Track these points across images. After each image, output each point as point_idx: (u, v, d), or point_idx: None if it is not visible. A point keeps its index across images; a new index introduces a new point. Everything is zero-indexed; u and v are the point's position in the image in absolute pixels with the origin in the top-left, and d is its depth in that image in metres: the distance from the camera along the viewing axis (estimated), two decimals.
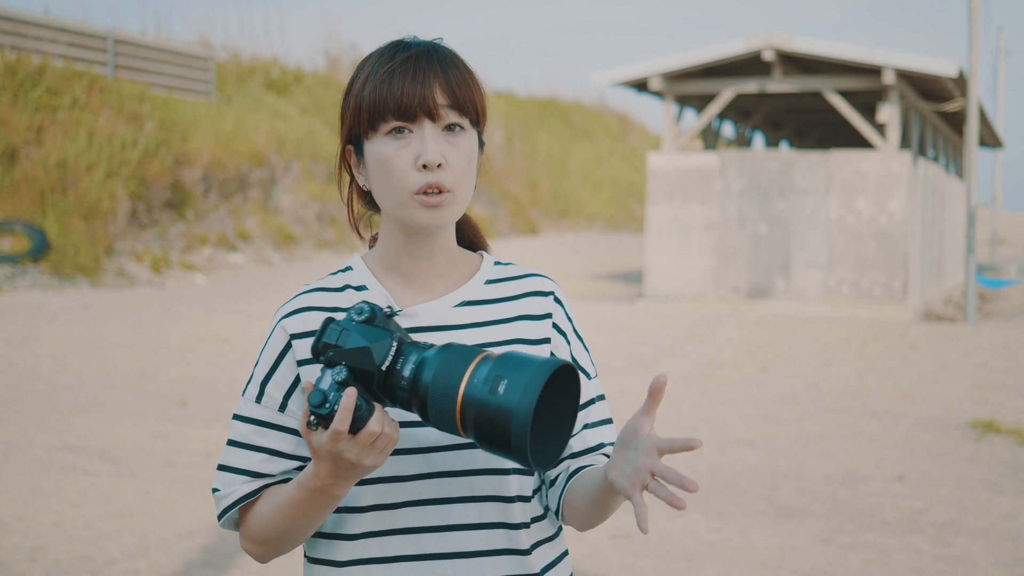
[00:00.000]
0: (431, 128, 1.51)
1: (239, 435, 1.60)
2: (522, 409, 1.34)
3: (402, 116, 1.51)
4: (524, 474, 1.60)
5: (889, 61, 15.12)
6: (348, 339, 1.41)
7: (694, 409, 9.10)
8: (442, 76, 1.52)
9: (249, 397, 1.60)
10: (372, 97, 1.52)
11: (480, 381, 1.38)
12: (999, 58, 42.74)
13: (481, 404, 1.37)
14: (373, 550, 1.56)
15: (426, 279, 1.61)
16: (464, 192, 1.55)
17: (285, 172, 20.36)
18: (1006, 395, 9.71)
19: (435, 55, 1.53)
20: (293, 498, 1.49)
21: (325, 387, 1.40)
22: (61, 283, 14.50)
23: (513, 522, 1.58)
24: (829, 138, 25.06)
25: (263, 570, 4.93)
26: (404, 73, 1.51)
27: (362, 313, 1.42)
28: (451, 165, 1.52)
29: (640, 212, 34.31)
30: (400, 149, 1.52)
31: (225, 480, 1.60)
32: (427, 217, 1.53)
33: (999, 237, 44.82)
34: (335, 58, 27.33)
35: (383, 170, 1.53)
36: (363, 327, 1.41)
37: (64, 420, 7.99)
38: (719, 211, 16.21)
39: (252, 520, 1.58)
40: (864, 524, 5.83)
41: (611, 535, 5.55)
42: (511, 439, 1.35)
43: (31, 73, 16.67)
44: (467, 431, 1.40)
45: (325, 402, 1.38)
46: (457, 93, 1.52)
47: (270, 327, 1.63)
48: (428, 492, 1.56)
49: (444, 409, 1.39)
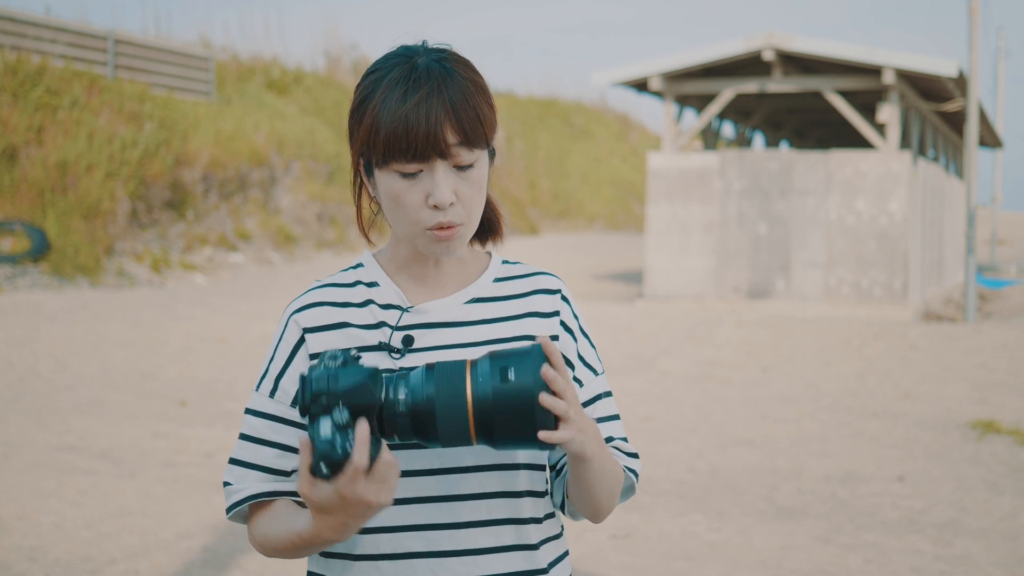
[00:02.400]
0: (443, 168, 1.52)
1: (252, 430, 1.60)
2: (540, 385, 1.38)
3: (416, 159, 1.51)
4: (534, 469, 1.62)
5: (889, 61, 15.13)
6: (338, 382, 1.36)
7: (694, 409, 9.10)
8: (453, 116, 1.50)
9: (263, 392, 1.61)
10: (386, 136, 1.50)
11: (485, 378, 1.39)
12: (999, 58, 42.76)
13: (497, 395, 1.38)
14: (383, 546, 1.57)
15: (436, 279, 1.64)
16: (476, 217, 1.58)
17: (285, 172, 20.36)
18: (1006, 395, 9.71)
19: (445, 87, 1.51)
20: (296, 544, 1.50)
21: (328, 434, 1.33)
22: (61, 283, 14.50)
23: (522, 517, 1.60)
24: (829, 138, 25.06)
25: (263, 571, 4.93)
26: (417, 113, 1.49)
27: (336, 358, 1.38)
28: (462, 200, 1.54)
29: (640, 212, 34.31)
30: (410, 187, 1.53)
31: (237, 474, 1.60)
32: (439, 249, 1.56)
33: (999, 237, 44.83)
34: (335, 58, 27.33)
35: (394, 204, 1.55)
36: (346, 369, 1.37)
37: (64, 420, 7.99)
38: (719, 211, 16.21)
39: (260, 527, 1.58)
40: (864, 524, 5.83)
41: (611, 535, 5.55)
42: (536, 418, 1.38)
43: (31, 73, 16.67)
44: (481, 434, 1.40)
45: (335, 447, 1.32)
46: (468, 130, 1.52)
47: (281, 322, 1.64)
48: (439, 489, 1.56)
49: (455, 417, 1.39)
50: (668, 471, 6.99)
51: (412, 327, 1.59)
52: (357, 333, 1.59)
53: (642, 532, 5.65)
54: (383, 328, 1.59)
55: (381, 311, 1.60)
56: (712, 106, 16.82)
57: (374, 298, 1.62)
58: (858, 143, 23.06)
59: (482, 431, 1.39)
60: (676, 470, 7.03)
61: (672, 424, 8.46)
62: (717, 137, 19.09)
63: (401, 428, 1.40)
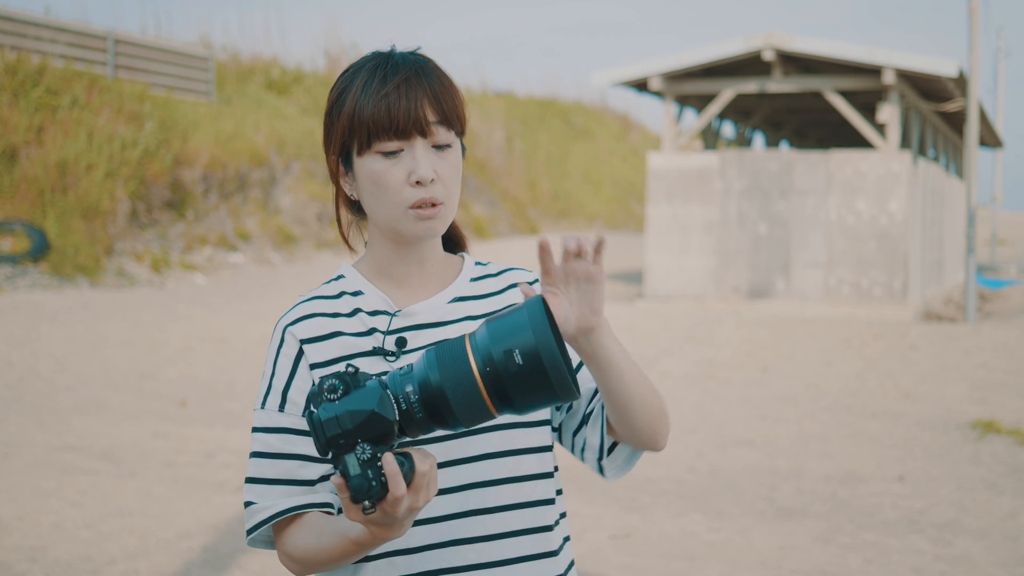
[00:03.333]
0: (422, 145, 1.58)
1: (266, 446, 1.59)
2: (542, 340, 1.35)
3: (398, 135, 1.57)
4: (543, 475, 1.64)
5: (889, 61, 15.12)
6: (347, 419, 1.34)
7: (694, 409, 9.10)
8: (430, 93, 1.58)
9: (271, 408, 1.61)
10: (368, 117, 1.57)
11: (486, 346, 1.36)
12: (999, 58, 42.75)
13: (502, 360, 1.35)
14: (398, 541, 1.59)
15: (419, 282, 1.67)
16: (453, 202, 1.63)
17: (285, 172, 20.36)
18: (1006, 395, 9.70)
19: (422, 73, 1.59)
20: (350, 551, 1.47)
21: (358, 470, 1.33)
22: (61, 283, 14.50)
23: (534, 500, 1.64)
24: (829, 138, 25.06)
25: (263, 571, 4.93)
26: (397, 93, 1.57)
27: (336, 390, 1.35)
28: (442, 179, 1.60)
29: (640, 212, 34.30)
30: (392, 166, 1.58)
31: (259, 492, 1.58)
32: (422, 229, 1.60)
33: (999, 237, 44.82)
34: (335, 58, 27.31)
35: (376, 186, 1.59)
36: (351, 399, 1.35)
37: (64, 420, 7.98)
38: (719, 211, 16.21)
39: (298, 543, 1.54)
40: (864, 524, 5.83)
41: (611, 535, 5.55)
42: (548, 373, 1.35)
43: (31, 73, 16.67)
44: (499, 404, 1.37)
45: (368, 483, 1.33)
46: (445, 108, 1.59)
47: (276, 337, 1.64)
48: (448, 482, 1.59)
49: (469, 395, 1.36)
50: (668, 471, 6.99)
51: (403, 330, 1.62)
52: (351, 341, 1.61)
53: (642, 532, 5.65)
54: (375, 334, 1.62)
55: (370, 318, 1.63)
56: (712, 106, 16.82)
57: (361, 306, 1.64)
58: (858, 143, 23.06)
59: (500, 401, 1.37)
60: (676, 470, 7.03)
61: (672, 424, 8.46)
62: (717, 137, 19.08)
63: (421, 426, 1.38)
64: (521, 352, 1.35)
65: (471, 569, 1.58)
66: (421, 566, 1.58)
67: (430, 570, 1.58)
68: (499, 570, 1.59)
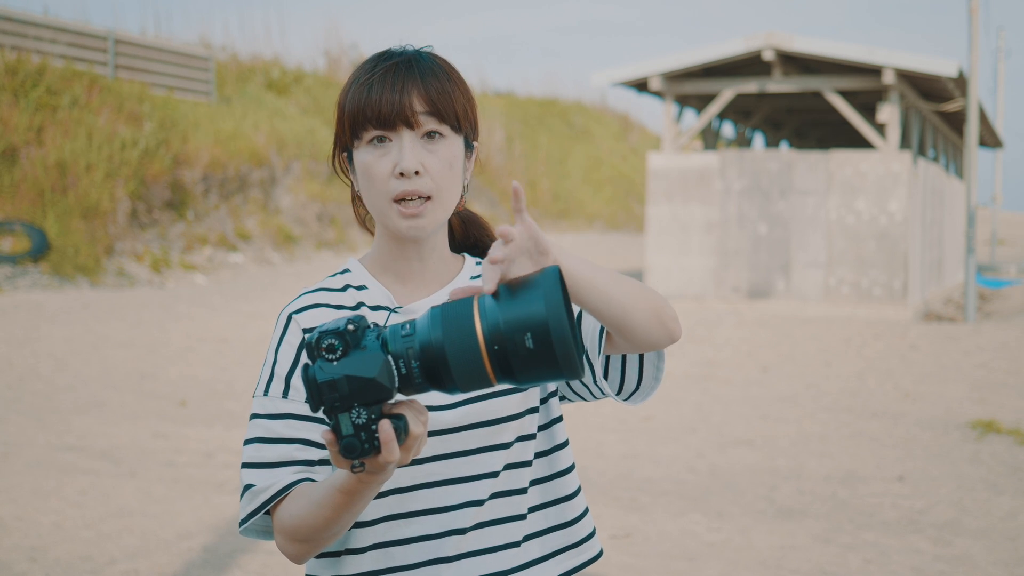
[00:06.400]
0: (409, 136, 1.56)
1: (267, 431, 1.57)
2: (553, 313, 1.27)
3: (381, 125, 1.56)
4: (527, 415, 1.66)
5: (889, 61, 15.12)
6: (344, 385, 1.28)
7: (694, 409, 9.10)
8: (420, 84, 1.56)
9: (274, 394, 1.59)
10: (353, 107, 1.57)
11: (494, 310, 1.30)
12: (999, 58, 42.75)
13: (509, 327, 1.28)
14: (390, 533, 1.60)
15: (421, 278, 1.67)
16: (447, 197, 1.60)
17: (285, 172, 20.35)
18: (1006, 395, 9.70)
19: (415, 64, 1.58)
20: (342, 503, 1.42)
21: (350, 430, 1.29)
22: (61, 283, 14.50)
23: (514, 462, 1.65)
24: (829, 138, 25.06)
25: (263, 571, 4.93)
26: (382, 83, 1.56)
27: (334, 350, 1.29)
28: (430, 172, 1.57)
29: (640, 212, 34.30)
30: (380, 158, 1.57)
31: (260, 475, 1.55)
32: (405, 227, 1.59)
33: (999, 237, 44.83)
34: (335, 58, 27.32)
35: (366, 178, 1.59)
36: (349, 360, 1.29)
37: (64, 420, 7.99)
38: (719, 211, 16.21)
39: (292, 512, 1.50)
40: (864, 524, 5.83)
41: (611, 535, 5.55)
42: (554, 347, 1.27)
43: (31, 73, 16.67)
44: (499, 372, 1.30)
45: (360, 442, 1.28)
46: (436, 100, 1.57)
47: (279, 325, 1.64)
48: (441, 473, 1.61)
49: (469, 359, 1.29)
50: (668, 471, 6.99)
51: None
52: None
53: (642, 532, 5.65)
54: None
55: (371, 313, 1.64)
56: (712, 106, 16.82)
57: (364, 300, 1.65)
58: (858, 143, 23.06)
59: (501, 369, 1.30)
60: (676, 470, 7.03)
61: (672, 424, 8.46)
62: (717, 137, 19.08)
63: (418, 388, 1.33)
64: (533, 334, 1.27)
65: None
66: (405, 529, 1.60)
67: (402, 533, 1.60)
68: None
